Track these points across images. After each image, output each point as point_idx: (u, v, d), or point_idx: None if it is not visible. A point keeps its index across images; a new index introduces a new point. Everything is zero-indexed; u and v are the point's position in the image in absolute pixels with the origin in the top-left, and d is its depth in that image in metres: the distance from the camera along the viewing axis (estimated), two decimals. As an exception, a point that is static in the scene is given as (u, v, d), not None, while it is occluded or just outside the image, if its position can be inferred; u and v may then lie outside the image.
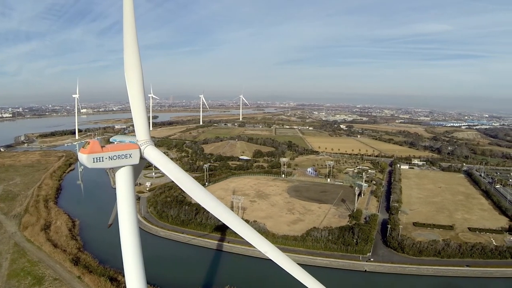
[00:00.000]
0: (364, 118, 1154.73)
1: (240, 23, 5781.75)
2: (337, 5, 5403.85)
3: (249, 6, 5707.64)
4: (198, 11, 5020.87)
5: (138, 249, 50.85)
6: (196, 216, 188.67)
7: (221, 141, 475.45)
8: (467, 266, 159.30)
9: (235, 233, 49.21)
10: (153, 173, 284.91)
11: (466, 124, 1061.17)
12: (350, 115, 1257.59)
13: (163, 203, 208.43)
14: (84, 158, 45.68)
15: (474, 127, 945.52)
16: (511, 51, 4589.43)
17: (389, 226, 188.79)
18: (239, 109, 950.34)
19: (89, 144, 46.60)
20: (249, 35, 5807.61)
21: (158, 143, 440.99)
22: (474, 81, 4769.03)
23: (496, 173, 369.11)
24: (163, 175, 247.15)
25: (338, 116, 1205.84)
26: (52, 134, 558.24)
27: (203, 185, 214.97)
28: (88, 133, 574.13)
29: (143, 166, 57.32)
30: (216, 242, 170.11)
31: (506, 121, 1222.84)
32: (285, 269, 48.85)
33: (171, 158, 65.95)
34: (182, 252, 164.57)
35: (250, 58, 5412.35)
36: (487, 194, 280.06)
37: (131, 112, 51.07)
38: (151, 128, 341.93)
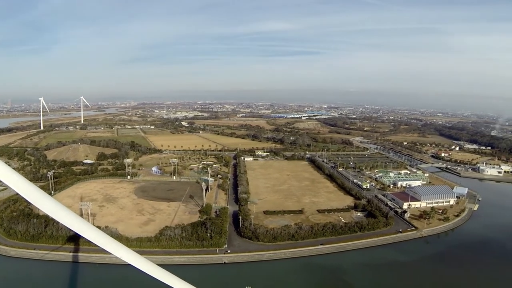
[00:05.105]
0: (206, 114, 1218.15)
1: (83, 20, 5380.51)
2: (182, 4, 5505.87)
3: (93, 2, 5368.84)
4: (39, 6, 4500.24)
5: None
6: (46, 228, 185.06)
7: (64, 145, 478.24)
8: (321, 244, 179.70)
9: (89, 241, 47.69)
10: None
11: (307, 115, 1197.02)
12: (191, 112, 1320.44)
13: (10, 219, 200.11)
14: None
15: (314, 118, 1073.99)
16: (345, 49, 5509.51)
17: (240, 217, 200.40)
18: (80, 111, 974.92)
19: None
20: (92, 33, 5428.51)
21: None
22: (314, 75, 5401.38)
23: (338, 158, 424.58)
24: (6, 187, 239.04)
25: (179, 113, 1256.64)
26: None
27: (49, 194, 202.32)
28: None
29: (-18, 180, 52.49)
30: (71, 253, 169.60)
31: (343, 111, 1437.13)
32: (144, 271, 48.96)
33: (13, 168, 60.20)
34: (37, 270, 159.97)
35: (92, 58, 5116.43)
36: (331, 177, 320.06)
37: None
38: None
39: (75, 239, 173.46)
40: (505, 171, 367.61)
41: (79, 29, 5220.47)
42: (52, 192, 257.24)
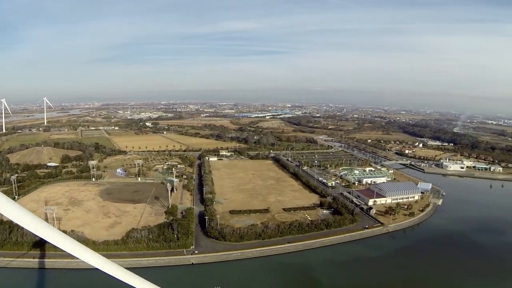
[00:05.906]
0: (170, 115, 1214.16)
1: (45, 18, 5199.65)
2: (147, 3, 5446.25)
3: (57, 0, 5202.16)
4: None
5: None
6: (10, 234, 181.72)
7: (27, 148, 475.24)
8: (289, 242, 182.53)
9: (55, 246, 47.31)
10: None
11: (271, 114, 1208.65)
12: (155, 112, 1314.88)
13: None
14: None
15: (278, 117, 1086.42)
16: (309, 48, 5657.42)
17: (206, 217, 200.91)
18: (43, 112, 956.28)
19: None
20: (55, 32, 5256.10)
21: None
22: (279, 74, 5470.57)
23: (302, 156, 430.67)
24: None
25: (143, 114, 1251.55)
26: None
27: (13, 198, 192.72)
28: None
29: None
30: (37, 260, 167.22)
31: (307, 110, 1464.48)
32: (111, 274, 49.08)
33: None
34: (2, 278, 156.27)
35: (56, 58, 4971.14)
36: (296, 176, 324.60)
37: None
38: None
39: (40, 244, 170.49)
40: (467, 167, 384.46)
41: (42, 28, 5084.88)
42: (16, 196, 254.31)
